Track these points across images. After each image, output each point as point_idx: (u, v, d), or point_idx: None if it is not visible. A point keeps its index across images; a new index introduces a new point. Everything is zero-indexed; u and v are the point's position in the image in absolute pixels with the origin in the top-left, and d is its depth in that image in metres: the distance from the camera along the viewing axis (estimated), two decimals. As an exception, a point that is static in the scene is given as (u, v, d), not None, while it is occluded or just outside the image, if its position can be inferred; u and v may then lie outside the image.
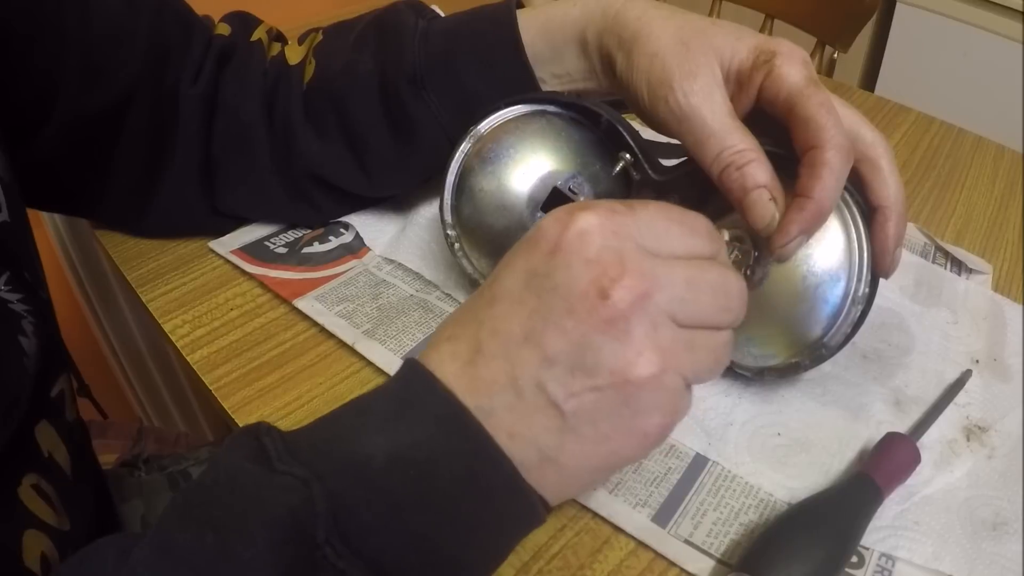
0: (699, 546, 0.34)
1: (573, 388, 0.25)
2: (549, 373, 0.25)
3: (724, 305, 0.27)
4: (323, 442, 0.26)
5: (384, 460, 0.24)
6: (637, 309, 0.25)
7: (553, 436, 0.25)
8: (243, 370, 0.43)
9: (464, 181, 0.43)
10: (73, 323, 1.05)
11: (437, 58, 0.44)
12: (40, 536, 0.34)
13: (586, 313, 0.25)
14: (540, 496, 0.26)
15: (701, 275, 0.27)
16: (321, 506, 0.23)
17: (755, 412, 0.40)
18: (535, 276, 0.26)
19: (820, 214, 0.33)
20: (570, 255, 0.25)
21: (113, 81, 0.43)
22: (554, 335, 0.25)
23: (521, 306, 0.26)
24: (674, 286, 0.26)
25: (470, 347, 0.26)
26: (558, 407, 0.25)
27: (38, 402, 0.36)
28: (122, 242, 0.53)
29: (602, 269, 0.25)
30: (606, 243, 0.25)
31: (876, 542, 0.34)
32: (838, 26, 0.98)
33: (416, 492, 0.24)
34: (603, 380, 0.25)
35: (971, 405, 0.41)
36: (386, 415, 0.26)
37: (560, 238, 0.26)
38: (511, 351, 0.25)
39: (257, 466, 0.25)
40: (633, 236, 0.26)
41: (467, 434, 0.25)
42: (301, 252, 0.50)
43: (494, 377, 0.25)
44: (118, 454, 0.60)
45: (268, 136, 0.48)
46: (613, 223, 0.26)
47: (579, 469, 0.26)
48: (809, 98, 0.33)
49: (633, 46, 0.38)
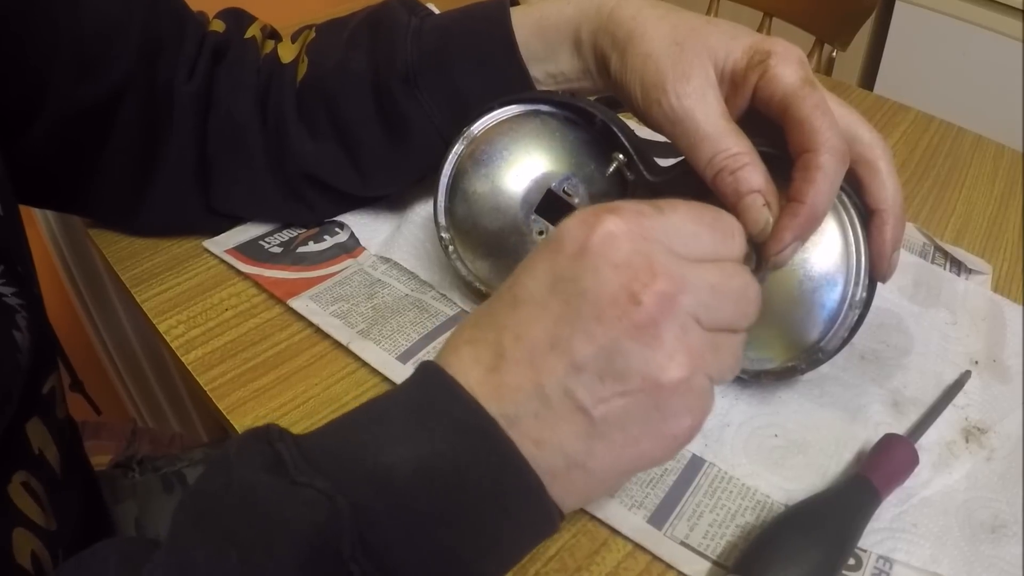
0: (695, 548, 0.34)
1: (603, 394, 0.25)
2: (577, 380, 0.25)
3: (744, 311, 0.28)
4: (341, 450, 0.25)
5: (408, 472, 0.24)
6: (667, 313, 0.25)
7: (582, 442, 0.25)
8: (238, 371, 0.43)
9: (458, 183, 0.42)
10: (66, 323, 1.05)
11: (430, 56, 0.44)
12: (29, 535, 0.34)
13: (616, 319, 0.24)
14: (557, 506, 0.26)
15: (727, 281, 0.27)
16: (347, 522, 0.23)
17: (752, 413, 0.40)
18: (561, 280, 0.25)
19: (813, 219, 0.33)
20: (597, 259, 0.25)
21: (106, 76, 0.43)
22: (582, 341, 0.25)
23: (546, 311, 0.25)
24: (701, 291, 0.26)
25: (493, 352, 0.26)
26: (587, 413, 0.25)
27: (29, 399, 0.36)
28: (116, 241, 0.52)
29: (632, 274, 0.25)
30: (635, 247, 0.25)
31: (874, 544, 0.34)
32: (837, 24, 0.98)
33: (440, 505, 0.24)
34: (634, 385, 0.25)
35: (970, 406, 0.41)
36: (406, 423, 0.25)
37: (587, 241, 0.25)
38: (537, 357, 0.25)
39: (276, 478, 0.24)
40: (661, 239, 0.26)
41: (493, 446, 0.24)
42: (296, 251, 0.50)
43: (520, 384, 0.25)
44: (111, 455, 0.60)
45: (261, 135, 0.48)
46: (641, 226, 0.26)
47: (607, 473, 0.26)
48: (804, 100, 0.33)
49: (627, 46, 0.37)
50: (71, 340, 1.05)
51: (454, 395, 0.25)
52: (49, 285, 0.94)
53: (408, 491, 0.23)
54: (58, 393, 0.40)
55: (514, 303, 0.26)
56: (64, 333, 0.44)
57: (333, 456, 0.24)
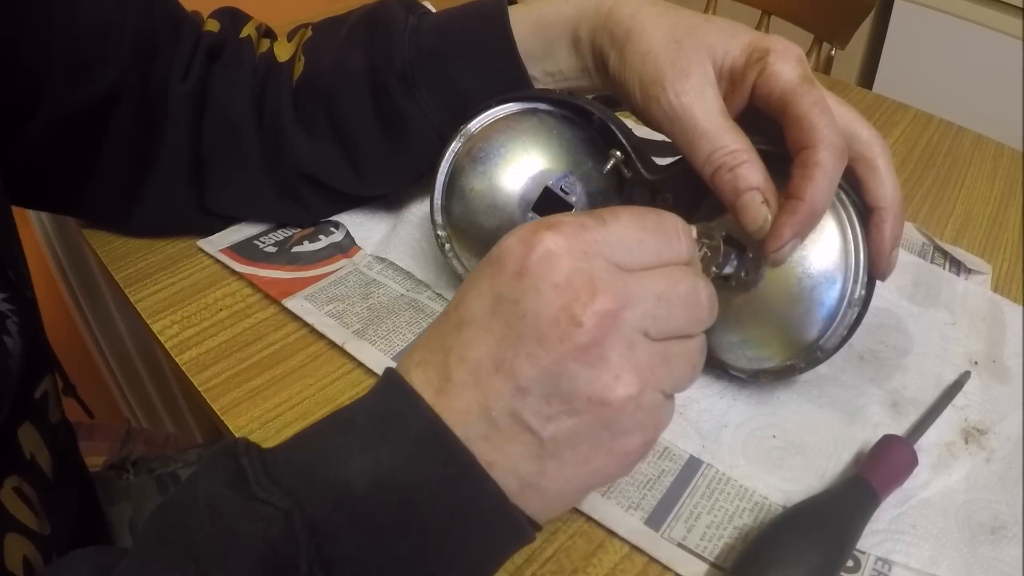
0: (693, 550, 0.34)
1: (550, 415, 0.24)
2: (524, 402, 0.24)
3: (695, 316, 0.27)
4: (304, 463, 0.25)
5: (366, 485, 0.23)
6: (610, 331, 0.24)
7: (532, 463, 0.25)
8: (233, 371, 0.43)
9: (455, 181, 0.42)
10: (60, 323, 1.05)
11: (428, 55, 0.43)
12: (21, 540, 0.33)
13: (558, 341, 0.24)
14: (525, 514, 0.26)
15: (673, 288, 0.26)
16: (303, 538, 0.23)
17: (750, 414, 0.40)
18: (502, 301, 0.25)
19: (812, 216, 0.33)
20: (537, 279, 0.24)
21: (100, 77, 0.42)
22: (526, 364, 0.24)
23: (489, 333, 0.25)
24: (647, 302, 0.25)
25: (440, 375, 0.25)
26: (536, 434, 0.24)
27: (21, 403, 0.36)
28: (110, 241, 0.52)
29: (573, 294, 0.24)
30: (575, 264, 0.25)
31: (872, 546, 0.34)
32: (835, 22, 0.98)
33: (400, 518, 0.24)
34: (581, 405, 0.24)
35: (969, 407, 0.40)
36: (369, 434, 0.25)
37: (526, 260, 0.25)
38: (483, 379, 0.25)
39: (235, 492, 0.24)
40: (603, 253, 0.25)
41: (449, 457, 0.24)
42: (291, 251, 0.50)
43: (467, 407, 0.25)
44: (105, 456, 0.60)
45: (257, 134, 0.48)
46: (582, 242, 0.25)
47: (562, 492, 0.26)
48: (802, 96, 0.33)
49: (626, 44, 0.37)
50: (65, 340, 1.05)
51: (412, 405, 0.25)
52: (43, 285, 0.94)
53: (367, 504, 0.23)
54: (51, 397, 0.40)
55: (459, 324, 0.26)
56: (58, 333, 0.44)
57: (294, 470, 0.25)
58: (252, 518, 0.23)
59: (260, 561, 0.22)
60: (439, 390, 0.25)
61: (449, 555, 0.24)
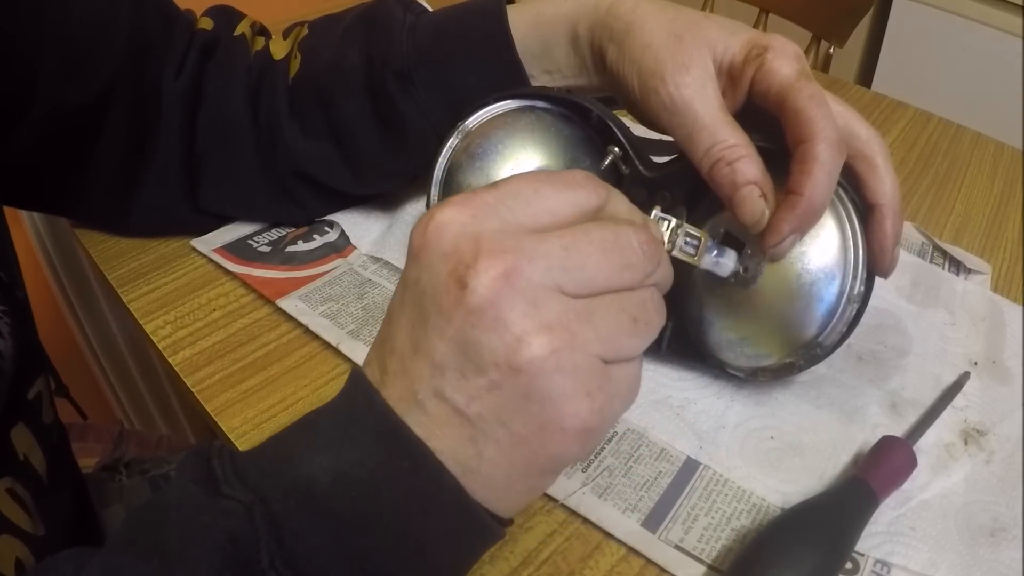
0: (690, 551, 0.34)
1: (470, 390, 0.23)
2: (443, 380, 0.24)
3: (621, 262, 0.24)
4: (269, 462, 0.25)
5: (328, 480, 0.23)
6: (504, 290, 0.23)
7: (468, 446, 0.24)
8: (226, 372, 0.43)
9: (452, 177, 0.42)
10: (52, 324, 1.04)
11: (425, 53, 0.43)
12: (14, 542, 0.33)
13: (452, 308, 0.23)
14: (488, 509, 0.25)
15: (583, 235, 0.24)
16: (263, 531, 0.23)
17: (748, 415, 0.40)
18: (408, 283, 0.25)
19: (812, 211, 0.32)
20: (430, 253, 0.24)
21: (93, 75, 0.42)
22: (435, 339, 0.23)
23: (405, 318, 0.25)
24: (550, 255, 0.23)
25: (380, 368, 0.25)
26: (462, 413, 0.24)
27: (14, 404, 0.36)
28: (102, 241, 0.52)
29: (458, 258, 0.23)
30: (461, 230, 0.24)
31: (871, 548, 0.34)
32: (834, 20, 0.98)
33: (360, 513, 0.23)
34: (494, 375, 0.23)
35: (969, 408, 0.40)
36: (332, 432, 0.25)
37: (421, 238, 0.24)
38: (407, 365, 0.24)
39: (202, 489, 0.24)
40: (497, 214, 0.24)
41: (404, 449, 0.24)
42: (285, 251, 0.50)
43: (399, 395, 0.24)
44: (98, 458, 0.59)
45: (252, 132, 0.47)
46: (471, 207, 0.24)
47: (507, 477, 0.24)
48: (800, 91, 0.33)
49: (625, 37, 0.37)
50: (57, 341, 1.05)
51: (370, 400, 0.25)
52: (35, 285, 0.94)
53: (328, 498, 0.23)
54: (45, 397, 0.40)
55: (388, 317, 0.26)
56: (50, 334, 0.43)
57: (260, 469, 0.25)
58: (214, 511, 0.23)
59: (219, 550, 0.23)
60: (380, 383, 0.25)
61: (411, 551, 0.24)
